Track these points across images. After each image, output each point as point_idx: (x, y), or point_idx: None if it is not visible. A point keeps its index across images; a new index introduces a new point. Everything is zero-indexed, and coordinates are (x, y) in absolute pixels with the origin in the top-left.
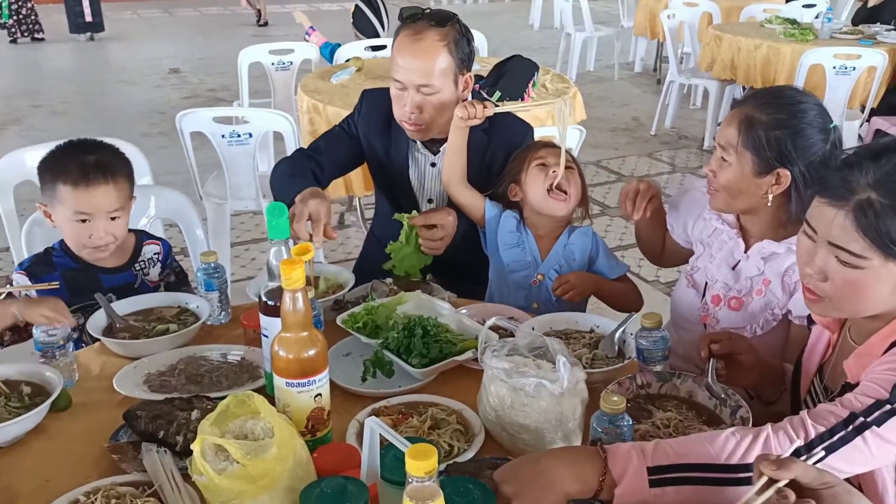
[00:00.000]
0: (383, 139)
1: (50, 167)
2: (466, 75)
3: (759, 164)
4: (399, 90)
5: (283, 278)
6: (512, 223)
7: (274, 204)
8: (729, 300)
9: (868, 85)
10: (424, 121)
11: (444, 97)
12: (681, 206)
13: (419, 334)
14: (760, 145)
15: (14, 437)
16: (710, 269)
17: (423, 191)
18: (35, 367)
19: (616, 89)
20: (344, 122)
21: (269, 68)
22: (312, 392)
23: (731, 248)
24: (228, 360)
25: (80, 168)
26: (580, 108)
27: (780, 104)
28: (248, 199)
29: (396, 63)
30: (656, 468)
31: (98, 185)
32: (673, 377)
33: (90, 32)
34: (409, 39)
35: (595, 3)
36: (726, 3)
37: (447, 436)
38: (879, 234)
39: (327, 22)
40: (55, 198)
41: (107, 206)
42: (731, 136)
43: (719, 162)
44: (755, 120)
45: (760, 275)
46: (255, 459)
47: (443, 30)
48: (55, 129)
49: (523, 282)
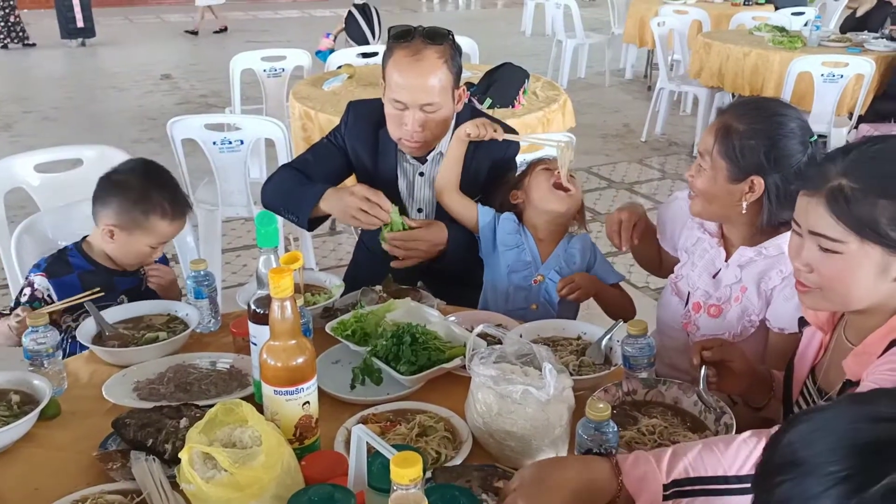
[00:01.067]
0: (371, 151)
1: (141, 200)
2: (461, 89)
3: (733, 171)
4: (399, 110)
5: (271, 287)
6: (511, 225)
7: (263, 212)
8: (709, 307)
9: (856, 92)
10: (426, 138)
11: (445, 113)
12: (666, 216)
13: (407, 342)
14: (735, 154)
15: (2, 446)
16: (692, 278)
17: (413, 200)
18: (23, 375)
19: (607, 96)
20: (330, 135)
21: (261, 75)
22: (300, 400)
23: (713, 257)
24: (217, 368)
25: (173, 205)
26: (570, 115)
27: (759, 114)
28: (239, 205)
29: (396, 83)
30: (672, 483)
31: (181, 219)
32: (658, 384)
33: (81, 38)
34: (408, 60)
35: (586, 10)
36: (716, 10)
37: (435, 443)
38: (852, 217)
39: (318, 27)
40: (142, 227)
41: (175, 235)
42: (708, 144)
43: (697, 168)
44: (732, 129)
45: (738, 282)
46: (242, 468)
47: (440, 47)
48: (45, 135)
49: (523, 282)
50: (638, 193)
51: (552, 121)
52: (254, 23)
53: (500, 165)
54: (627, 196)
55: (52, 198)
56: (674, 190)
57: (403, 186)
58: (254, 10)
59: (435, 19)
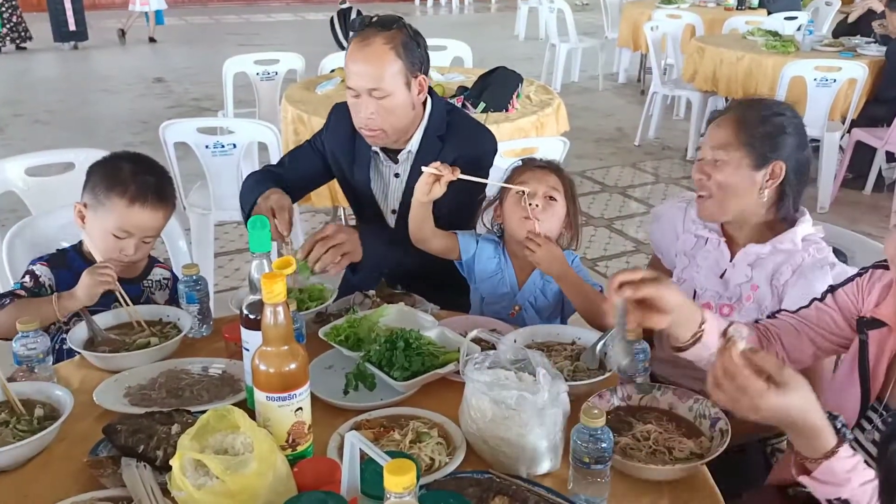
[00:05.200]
0: (347, 152)
1: (109, 175)
2: (419, 77)
3: (756, 158)
4: (354, 98)
5: (263, 292)
6: (489, 248)
7: (256, 217)
8: (721, 307)
9: (849, 97)
10: (380, 125)
11: (397, 100)
12: (657, 236)
13: (401, 347)
14: (756, 141)
15: (15, 462)
16: (699, 279)
17: (387, 202)
18: (47, 386)
19: (600, 100)
20: (313, 138)
21: (254, 78)
22: (293, 406)
23: (717, 257)
24: (210, 373)
25: (139, 187)
26: (563, 120)
27: (767, 106)
28: (232, 209)
29: (348, 70)
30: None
31: (151, 208)
32: (653, 389)
33: (74, 41)
34: (356, 46)
35: (579, 14)
36: (709, 15)
37: (428, 449)
38: None
39: (311, 31)
40: (104, 205)
41: (149, 229)
42: (723, 137)
43: (712, 164)
44: (748, 119)
45: (749, 281)
46: (234, 475)
47: (388, 33)
48: (37, 139)
49: (501, 313)
50: (631, 197)
51: (546, 125)
52: (246, 26)
53: (472, 159)
54: (621, 200)
55: (43, 201)
56: (667, 194)
57: (378, 188)
58: (247, 13)
59: (428, 23)
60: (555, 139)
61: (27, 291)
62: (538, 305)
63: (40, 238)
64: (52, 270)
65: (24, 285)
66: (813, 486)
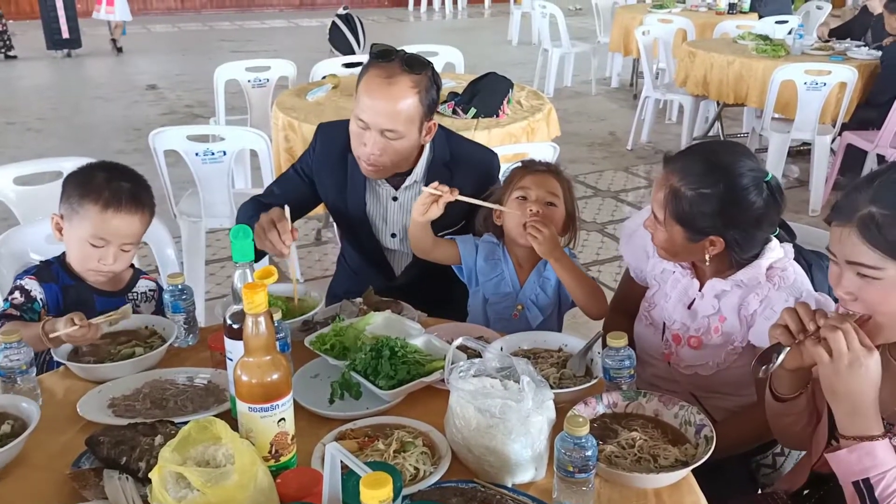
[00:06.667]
0: (338, 175)
1: (82, 183)
2: (430, 122)
3: (689, 234)
4: (361, 128)
5: (244, 302)
6: (489, 250)
7: (238, 226)
8: (689, 339)
9: (839, 100)
10: (383, 163)
11: (407, 143)
12: (628, 255)
13: (387, 355)
14: (688, 219)
15: None
16: (667, 309)
17: (386, 226)
18: (13, 399)
19: (593, 104)
20: (298, 162)
21: (246, 85)
22: (276, 416)
23: (685, 287)
24: (195, 383)
25: (113, 193)
26: (555, 125)
27: (706, 178)
28: (222, 216)
29: (363, 102)
30: None
31: (126, 214)
32: (639, 396)
33: (67, 49)
34: (379, 81)
35: (572, 19)
36: (700, 19)
37: (413, 458)
38: (886, 242)
39: (305, 37)
40: (77, 213)
41: (126, 236)
42: (662, 199)
43: (653, 224)
44: (681, 194)
45: (716, 313)
46: (215, 487)
47: (417, 77)
48: (29, 147)
49: (504, 313)
50: (624, 201)
51: (536, 130)
52: (240, 32)
53: (482, 181)
54: (613, 204)
55: (32, 211)
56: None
57: (375, 212)
58: (240, 19)
59: (422, 28)
60: (545, 144)
61: (20, 308)
62: (540, 303)
63: (26, 248)
64: (41, 284)
65: (14, 303)
66: (847, 461)
